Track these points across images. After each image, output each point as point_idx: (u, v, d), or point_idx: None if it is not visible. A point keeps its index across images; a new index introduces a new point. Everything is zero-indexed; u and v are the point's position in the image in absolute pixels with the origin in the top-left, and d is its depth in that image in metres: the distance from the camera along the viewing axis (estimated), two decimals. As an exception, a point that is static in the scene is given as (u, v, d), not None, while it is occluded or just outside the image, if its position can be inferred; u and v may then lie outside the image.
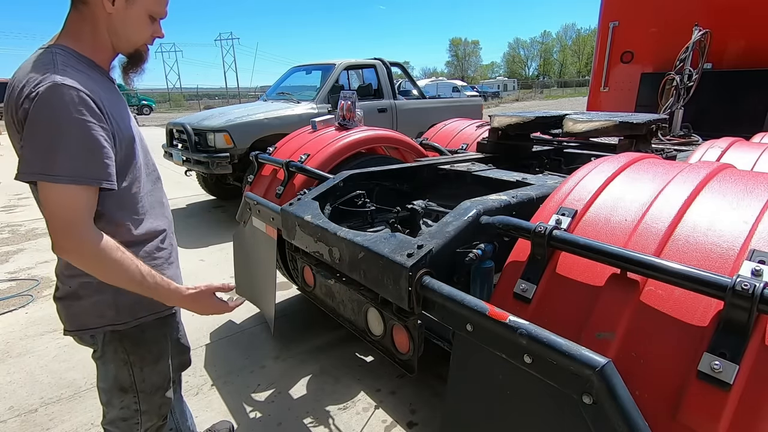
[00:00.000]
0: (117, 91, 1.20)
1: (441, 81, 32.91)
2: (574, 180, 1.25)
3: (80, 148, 0.97)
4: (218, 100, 41.71)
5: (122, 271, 1.06)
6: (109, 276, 1.06)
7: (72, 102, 0.95)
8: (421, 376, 1.61)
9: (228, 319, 2.99)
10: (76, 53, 1.08)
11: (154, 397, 1.31)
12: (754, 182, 1.07)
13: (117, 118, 1.10)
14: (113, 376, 1.24)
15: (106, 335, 1.20)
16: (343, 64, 6.12)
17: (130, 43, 1.14)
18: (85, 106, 0.97)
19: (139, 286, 1.10)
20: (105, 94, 1.08)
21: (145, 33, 1.14)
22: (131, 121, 1.18)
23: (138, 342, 1.24)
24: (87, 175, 0.98)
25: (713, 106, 3.86)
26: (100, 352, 1.22)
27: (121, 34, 1.11)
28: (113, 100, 1.12)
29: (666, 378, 0.83)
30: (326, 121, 2.96)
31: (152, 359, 1.28)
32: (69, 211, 0.98)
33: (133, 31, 1.12)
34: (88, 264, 1.04)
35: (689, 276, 0.82)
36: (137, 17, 1.10)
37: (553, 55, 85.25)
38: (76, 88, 0.97)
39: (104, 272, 1.06)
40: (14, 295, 3.44)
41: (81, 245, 1.01)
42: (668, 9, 4.19)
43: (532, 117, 2.48)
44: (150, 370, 1.28)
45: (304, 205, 1.74)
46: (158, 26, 1.17)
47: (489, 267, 1.26)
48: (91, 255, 1.02)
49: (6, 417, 2.11)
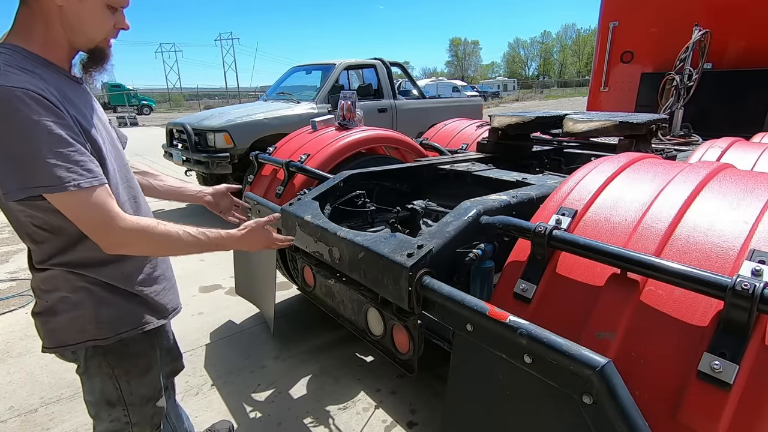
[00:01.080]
0: (83, 91, 1.09)
1: (441, 81, 32.90)
2: (574, 180, 1.25)
3: (54, 152, 0.90)
4: (218, 100, 41.68)
5: (173, 240, 1.08)
6: (164, 250, 1.11)
7: (22, 103, 0.87)
8: (421, 376, 1.61)
9: (228, 319, 2.99)
10: (26, 51, 0.97)
11: (145, 409, 1.27)
12: (754, 182, 1.07)
13: (79, 116, 1.00)
14: (99, 389, 1.20)
15: (88, 350, 1.15)
16: (343, 64, 6.12)
17: (88, 39, 1.03)
18: (39, 104, 0.89)
19: (196, 247, 1.13)
20: (61, 92, 0.98)
21: (104, 26, 1.03)
22: (99, 125, 1.09)
23: (122, 356, 1.18)
24: (73, 180, 0.92)
25: (713, 106, 3.86)
26: (84, 368, 1.18)
27: (77, 29, 1.00)
28: (74, 99, 1.02)
29: (666, 378, 0.83)
30: (326, 121, 2.96)
31: (139, 372, 1.23)
32: (92, 212, 0.96)
33: (90, 24, 1.01)
34: (141, 249, 1.08)
35: (689, 276, 0.82)
36: (93, 9, 0.99)
37: (553, 55, 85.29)
38: (22, 88, 0.88)
39: (158, 250, 1.10)
40: (14, 295, 3.44)
41: (120, 239, 1.00)
42: (668, 9, 4.19)
43: (532, 117, 2.48)
44: (137, 383, 1.23)
45: (304, 205, 1.74)
46: (121, 16, 1.06)
47: (489, 267, 1.26)
48: (138, 241, 1.04)
49: (6, 417, 2.11)
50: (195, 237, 1.12)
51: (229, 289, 3.38)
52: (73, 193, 0.93)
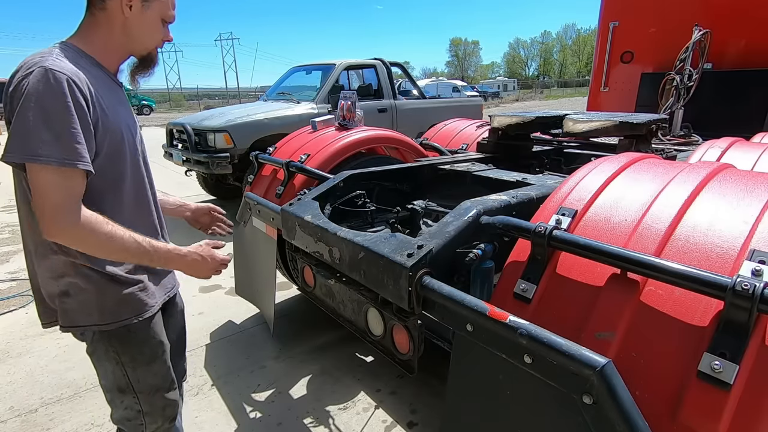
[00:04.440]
0: (121, 96, 1.22)
1: (441, 81, 32.90)
2: (574, 180, 1.25)
3: (58, 129, 0.98)
4: (218, 100, 41.72)
5: (114, 243, 1.06)
6: (103, 253, 1.08)
7: (57, 85, 0.98)
8: (421, 376, 1.61)
9: (228, 319, 2.99)
10: (80, 51, 1.11)
11: (154, 398, 1.29)
12: (754, 182, 1.07)
13: (110, 116, 1.10)
14: (111, 373, 1.24)
15: (95, 334, 1.20)
16: (343, 64, 6.12)
17: (143, 46, 1.21)
18: (69, 89, 0.99)
19: (137, 257, 1.12)
20: (103, 91, 1.10)
21: (158, 36, 1.21)
22: (125, 126, 1.17)
23: (126, 342, 1.22)
24: (56, 156, 0.97)
25: (713, 106, 3.86)
26: (92, 349, 1.23)
27: (136, 38, 1.17)
28: (113, 101, 1.13)
29: (666, 378, 0.83)
30: (326, 121, 2.96)
31: (144, 360, 1.26)
32: (50, 193, 0.98)
33: (147, 34, 1.18)
34: (78, 246, 1.06)
35: (689, 276, 0.82)
36: (151, 21, 1.17)
37: (553, 55, 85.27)
38: (63, 73, 0.99)
39: (97, 251, 1.07)
40: (14, 295, 3.44)
41: (65, 228, 1.01)
42: (668, 9, 4.19)
43: (532, 117, 2.48)
44: (144, 371, 1.26)
45: (304, 205, 1.74)
46: (167, 30, 1.24)
47: (489, 267, 1.26)
48: (77, 239, 1.03)
49: (6, 417, 2.11)
50: (139, 245, 1.11)
51: (229, 289, 3.38)
52: (43, 166, 0.97)
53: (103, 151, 1.09)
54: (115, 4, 1.10)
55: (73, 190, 1.01)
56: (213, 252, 1.29)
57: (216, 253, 1.29)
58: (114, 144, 1.12)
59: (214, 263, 1.28)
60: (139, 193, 1.24)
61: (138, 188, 1.23)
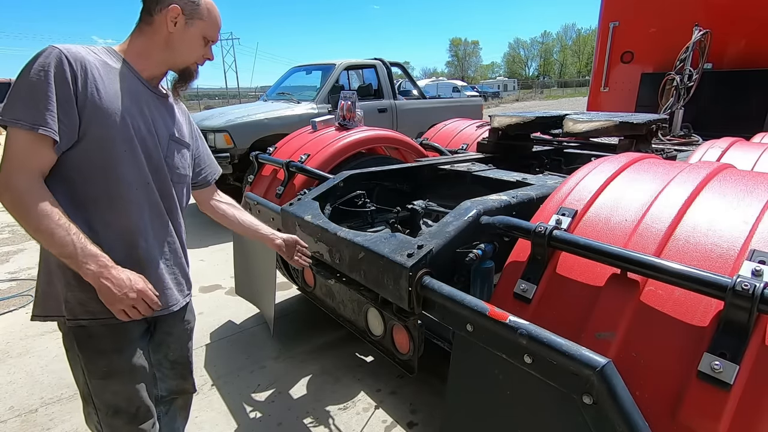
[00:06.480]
0: (147, 99, 1.21)
1: (441, 81, 32.87)
2: (574, 180, 1.25)
3: (29, 95, 1.00)
4: (218, 100, 41.64)
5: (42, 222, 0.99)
6: (30, 228, 1.01)
7: (46, 58, 1.02)
8: (421, 376, 1.61)
9: (228, 319, 2.99)
10: (114, 51, 1.18)
11: (114, 421, 1.19)
12: (754, 182, 1.07)
13: (105, 100, 1.08)
14: (78, 376, 1.20)
15: (62, 327, 1.17)
16: (343, 64, 6.12)
17: (182, 60, 1.24)
18: (57, 63, 1.02)
19: (59, 246, 1.01)
20: (112, 80, 1.12)
21: (197, 52, 1.25)
22: (130, 129, 1.13)
23: (84, 346, 1.15)
24: (23, 119, 0.99)
25: (713, 107, 3.86)
26: (66, 345, 1.19)
27: (177, 52, 1.22)
28: (124, 93, 1.14)
29: (666, 378, 0.83)
30: (326, 121, 2.96)
31: (99, 373, 1.16)
32: (10, 152, 1.00)
33: (187, 49, 1.23)
34: (12, 211, 1.01)
35: (689, 276, 0.82)
36: (193, 37, 1.22)
37: (554, 55, 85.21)
38: (60, 51, 1.03)
39: (26, 223, 1.01)
40: (14, 295, 3.44)
41: (8, 188, 0.99)
42: (668, 9, 4.19)
43: (532, 117, 2.48)
44: (99, 385, 1.16)
45: (304, 205, 1.74)
46: (209, 49, 1.28)
47: (489, 267, 1.26)
48: (14, 204, 1.00)
49: (6, 417, 2.11)
50: (65, 237, 1.01)
51: (229, 289, 3.38)
52: (12, 129, 1.00)
53: (90, 132, 1.07)
54: (161, 18, 1.16)
55: (33, 154, 1.01)
56: (140, 288, 1.08)
57: (147, 292, 1.09)
58: (103, 128, 1.08)
59: (129, 300, 1.06)
60: (139, 193, 1.18)
61: (138, 188, 1.18)
